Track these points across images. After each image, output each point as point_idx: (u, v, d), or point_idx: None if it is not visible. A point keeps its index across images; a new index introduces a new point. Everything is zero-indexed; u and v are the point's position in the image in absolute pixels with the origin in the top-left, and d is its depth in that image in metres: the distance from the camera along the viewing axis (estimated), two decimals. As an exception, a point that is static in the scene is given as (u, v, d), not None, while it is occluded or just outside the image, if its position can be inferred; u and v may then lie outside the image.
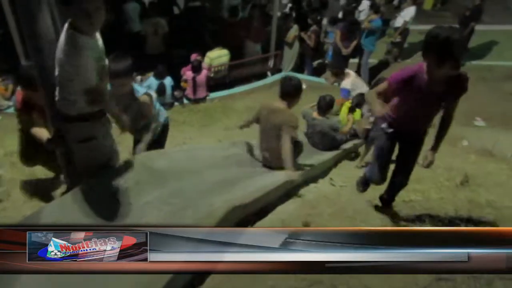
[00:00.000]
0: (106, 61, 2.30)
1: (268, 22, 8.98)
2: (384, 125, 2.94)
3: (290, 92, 3.38)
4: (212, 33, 8.62)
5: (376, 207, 3.29)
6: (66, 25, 2.01)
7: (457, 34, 2.33)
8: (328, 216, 2.87)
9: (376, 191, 3.31)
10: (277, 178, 3.28)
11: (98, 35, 2.17)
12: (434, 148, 2.79)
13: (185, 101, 7.67)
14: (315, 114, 5.11)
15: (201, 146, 4.45)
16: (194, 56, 7.46)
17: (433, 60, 2.39)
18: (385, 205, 3.26)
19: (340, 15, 8.76)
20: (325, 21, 9.50)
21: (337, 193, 3.49)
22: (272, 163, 3.53)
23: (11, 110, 6.14)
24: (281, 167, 3.28)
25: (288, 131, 3.24)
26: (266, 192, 2.77)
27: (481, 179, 4.06)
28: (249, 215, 2.56)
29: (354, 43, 7.99)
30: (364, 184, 3.36)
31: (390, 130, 2.89)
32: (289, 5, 10.23)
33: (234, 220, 2.33)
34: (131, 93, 2.99)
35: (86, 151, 2.38)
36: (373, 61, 9.63)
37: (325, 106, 5.03)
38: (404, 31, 9.13)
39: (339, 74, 6.70)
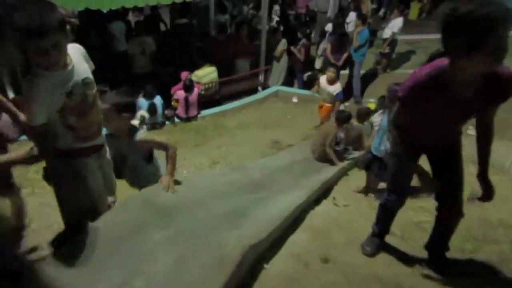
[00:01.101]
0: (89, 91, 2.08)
1: (256, 37, 8.93)
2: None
3: None
4: (200, 50, 8.51)
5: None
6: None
7: (494, 6, 1.58)
8: (343, 247, 2.73)
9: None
10: (284, 204, 3.16)
11: (72, 65, 1.97)
12: (483, 172, 2.12)
13: (176, 119, 7.52)
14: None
15: (202, 174, 4.29)
16: (184, 75, 7.34)
17: (457, 50, 1.70)
18: (437, 256, 2.56)
19: (329, 28, 8.71)
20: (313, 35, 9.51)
21: (347, 218, 3.35)
22: None
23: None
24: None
25: None
26: (278, 225, 2.62)
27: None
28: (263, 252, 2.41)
29: (345, 55, 7.96)
30: (385, 216, 2.69)
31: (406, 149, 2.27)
32: (276, 18, 10.20)
33: (249, 262, 2.17)
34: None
35: (69, 190, 2.19)
36: (361, 72, 9.65)
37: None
38: (392, 42, 9.16)
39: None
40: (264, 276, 2.34)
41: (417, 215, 3.41)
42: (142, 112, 6.76)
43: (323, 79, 6.54)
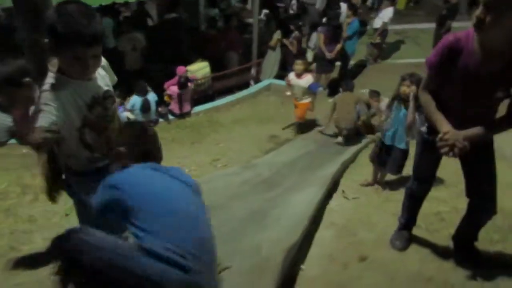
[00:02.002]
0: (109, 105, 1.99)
1: (245, 30, 8.80)
2: (423, 129, 2.30)
3: None
4: (190, 45, 8.33)
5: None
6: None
7: None
8: (372, 244, 2.67)
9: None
10: (302, 201, 3.08)
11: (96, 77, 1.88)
12: (488, 128, 1.94)
13: (170, 116, 7.35)
14: None
15: (214, 175, 4.16)
16: (181, 70, 7.14)
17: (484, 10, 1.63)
18: (463, 247, 2.51)
19: (324, 19, 8.64)
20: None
21: (364, 212, 3.29)
22: None
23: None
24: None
25: None
26: (307, 224, 2.54)
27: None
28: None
29: (339, 46, 7.88)
30: (412, 204, 2.61)
31: (432, 137, 2.12)
32: (264, 11, 10.06)
33: (287, 265, 2.08)
34: None
35: None
36: (351, 62, 9.63)
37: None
38: (383, 32, 9.15)
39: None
40: (303, 279, 2.27)
41: (435, 206, 3.36)
42: (127, 114, 6.59)
43: (291, 75, 6.05)
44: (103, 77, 1.96)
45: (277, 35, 8.51)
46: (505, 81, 1.85)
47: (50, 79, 1.72)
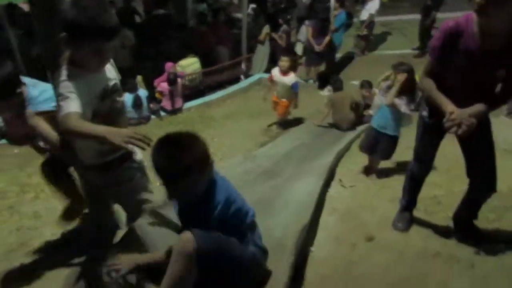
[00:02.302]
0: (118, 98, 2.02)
1: (234, 24, 8.81)
2: (424, 113, 2.38)
3: None
4: (180, 41, 8.30)
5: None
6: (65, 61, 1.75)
7: None
8: (376, 226, 2.75)
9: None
10: (305, 189, 3.14)
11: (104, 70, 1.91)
12: (490, 104, 2.03)
13: (162, 113, 7.34)
14: None
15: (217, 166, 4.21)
16: (169, 66, 7.15)
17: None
18: (464, 225, 2.61)
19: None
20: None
21: (363, 199, 3.37)
22: None
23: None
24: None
25: None
26: (313, 210, 2.60)
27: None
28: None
29: (327, 39, 7.96)
30: (412, 185, 2.73)
31: (432, 120, 2.28)
32: (252, 6, 10.08)
33: (300, 247, 2.14)
34: None
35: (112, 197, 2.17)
36: (339, 55, 9.73)
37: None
38: (370, 24, 9.26)
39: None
40: (314, 260, 2.34)
41: (431, 191, 3.45)
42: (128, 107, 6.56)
43: (275, 71, 5.84)
44: (110, 70, 1.97)
45: (266, 29, 8.56)
46: (505, 61, 1.95)
47: (64, 71, 1.73)
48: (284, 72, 5.68)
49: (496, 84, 2.10)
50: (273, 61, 9.02)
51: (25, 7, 7.19)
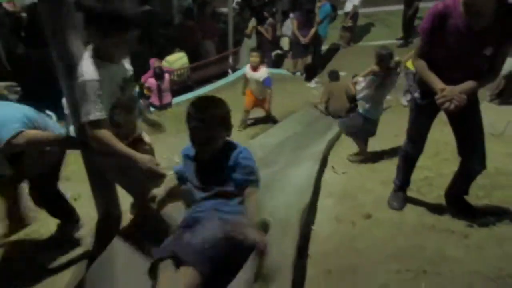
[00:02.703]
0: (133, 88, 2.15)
1: (219, 19, 8.83)
2: (416, 95, 2.49)
3: None
4: (166, 36, 8.30)
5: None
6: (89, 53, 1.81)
7: None
8: (372, 205, 2.85)
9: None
10: (302, 174, 3.22)
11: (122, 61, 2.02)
12: (479, 81, 2.14)
13: (151, 109, 7.33)
14: None
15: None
16: (152, 62, 7.16)
17: None
18: (456, 201, 2.71)
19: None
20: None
21: (358, 182, 3.49)
22: None
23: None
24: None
25: None
26: (312, 192, 2.69)
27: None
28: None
29: (312, 31, 8.04)
30: (406, 164, 2.82)
31: (424, 101, 2.40)
32: (236, 0, 10.11)
33: (303, 225, 2.22)
34: None
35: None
36: (324, 47, 9.83)
37: None
38: (354, 15, 9.37)
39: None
40: (316, 237, 2.44)
41: (421, 173, 3.57)
42: None
43: (247, 68, 5.80)
44: (126, 61, 2.07)
45: (253, 22, 8.60)
46: (492, 37, 2.06)
47: (89, 66, 1.76)
48: (255, 68, 5.61)
49: (485, 64, 2.20)
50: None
51: (9, 6, 7.08)
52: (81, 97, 1.74)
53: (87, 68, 1.74)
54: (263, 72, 5.57)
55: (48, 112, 5.24)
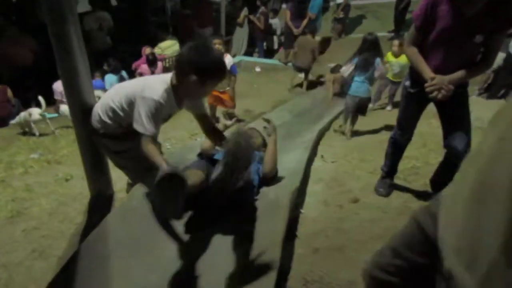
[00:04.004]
0: None
1: (212, 7, 8.80)
2: (407, 83, 2.53)
3: None
4: (158, 24, 8.26)
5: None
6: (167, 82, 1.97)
7: None
8: (360, 191, 2.92)
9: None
10: (292, 161, 3.28)
11: None
12: (468, 72, 2.18)
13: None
14: None
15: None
16: (144, 49, 7.13)
17: None
18: (439, 188, 2.87)
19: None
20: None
21: (346, 170, 3.55)
22: None
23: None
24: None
25: None
26: (302, 177, 2.74)
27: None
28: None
29: (305, 22, 8.08)
30: (394, 151, 2.89)
31: (414, 90, 2.44)
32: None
33: (292, 208, 2.29)
34: None
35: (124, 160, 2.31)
36: (317, 38, 9.86)
37: None
38: (345, 7, 9.41)
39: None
40: (305, 219, 2.50)
41: (407, 163, 3.67)
42: (98, 93, 6.50)
43: None
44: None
45: (245, 11, 8.61)
46: (483, 25, 2.10)
47: (163, 91, 1.91)
48: None
49: (476, 53, 2.25)
50: (252, 44, 9.12)
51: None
52: (144, 109, 1.87)
53: (162, 92, 1.89)
54: (228, 59, 5.02)
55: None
